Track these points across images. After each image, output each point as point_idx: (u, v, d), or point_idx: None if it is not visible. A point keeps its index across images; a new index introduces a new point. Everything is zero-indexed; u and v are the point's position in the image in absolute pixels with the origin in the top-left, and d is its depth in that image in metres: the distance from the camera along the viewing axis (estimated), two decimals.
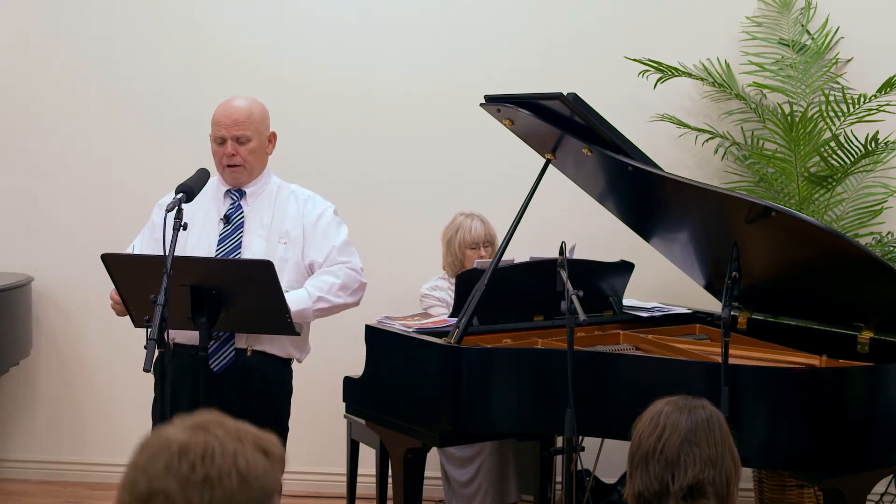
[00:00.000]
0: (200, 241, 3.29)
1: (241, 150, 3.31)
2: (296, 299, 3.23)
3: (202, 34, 4.98)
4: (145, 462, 1.36)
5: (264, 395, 3.31)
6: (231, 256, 3.27)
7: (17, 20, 5.08)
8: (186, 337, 3.15)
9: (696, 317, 4.02)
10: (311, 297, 3.28)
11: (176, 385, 3.15)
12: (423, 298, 4.34)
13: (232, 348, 3.26)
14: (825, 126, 4.37)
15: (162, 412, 2.76)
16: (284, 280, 3.21)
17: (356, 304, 3.45)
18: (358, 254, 3.45)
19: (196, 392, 3.11)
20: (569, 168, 3.74)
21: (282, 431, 3.39)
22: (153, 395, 3.40)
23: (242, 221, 3.33)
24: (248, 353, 3.27)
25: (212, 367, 3.20)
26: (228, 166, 3.33)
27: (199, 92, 4.92)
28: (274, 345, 3.32)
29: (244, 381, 3.27)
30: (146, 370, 2.52)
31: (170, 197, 3.35)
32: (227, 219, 3.31)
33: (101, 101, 5.05)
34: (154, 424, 3.40)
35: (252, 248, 3.29)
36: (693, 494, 1.98)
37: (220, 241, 3.30)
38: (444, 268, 4.41)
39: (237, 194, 3.38)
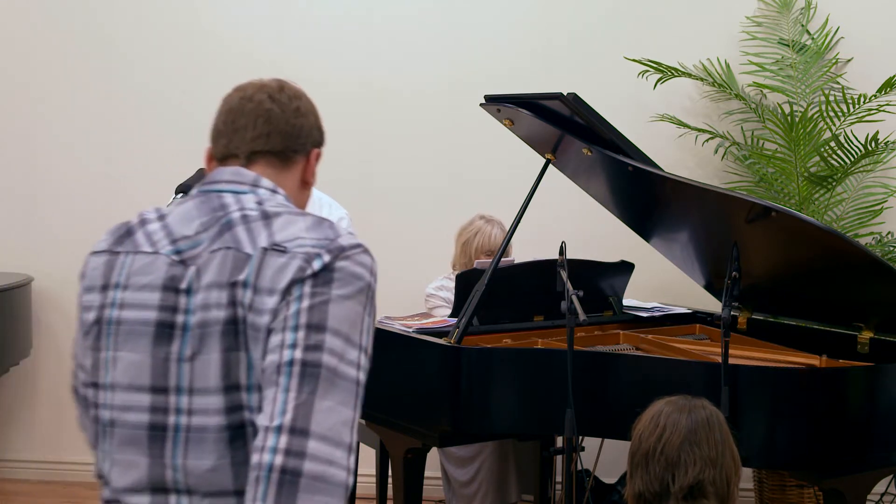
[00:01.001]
0: None
1: None
2: None
3: (202, 34, 4.98)
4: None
5: None
6: None
7: (17, 19, 5.08)
8: None
9: (696, 317, 4.02)
10: None
11: None
12: (428, 298, 4.33)
13: None
14: (825, 126, 4.37)
15: None
16: None
17: None
18: None
19: None
20: (569, 168, 3.74)
21: None
22: None
23: None
24: None
25: None
26: None
27: (200, 91, 4.92)
28: None
29: None
30: None
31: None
32: None
33: (101, 101, 5.05)
34: None
35: None
36: (693, 494, 1.98)
37: None
38: (453, 267, 4.40)
39: None
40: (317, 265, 1.46)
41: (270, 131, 1.64)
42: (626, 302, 4.08)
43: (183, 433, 1.47)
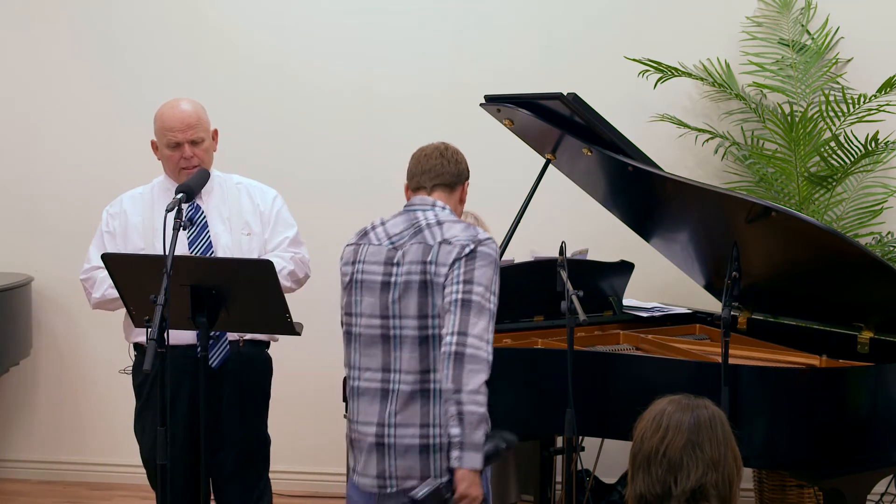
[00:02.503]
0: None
1: (197, 151, 3.42)
2: None
3: (203, 38, 4.98)
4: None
5: (256, 380, 3.43)
6: (206, 256, 3.31)
7: (16, 18, 5.08)
8: (178, 338, 3.17)
9: (696, 317, 4.02)
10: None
11: (172, 387, 3.16)
12: None
13: (226, 342, 3.32)
14: (825, 126, 4.37)
15: (162, 413, 2.77)
16: None
17: (293, 290, 3.51)
18: (306, 247, 3.55)
19: (195, 391, 3.15)
20: (569, 168, 3.74)
21: (266, 410, 3.49)
22: (136, 403, 3.45)
23: (205, 220, 3.39)
24: (241, 344, 3.34)
25: (209, 362, 3.25)
26: (185, 168, 3.39)
27: (200, 94, 4.90)
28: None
29: (239, 371, 3.35)
30: (146, 370, 2.52)
31: (117, 204, 3.41)
32: (190, 221, 3.36)
33: (101, 102, 5.05)
34: (137, 430, 3.42)
35: (220, 243, 3.37)
36: (696, 498, 1.97)
37: (191, 244, 3.34)
38: None
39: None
40: (467, 250, 2.65)
41: (442, 172, 2.85)
42: (626, 302, 4.08)
43: (398, 339, 2.69)
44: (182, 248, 3.29)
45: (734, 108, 4.68)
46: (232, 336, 3.35)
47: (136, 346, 3.44)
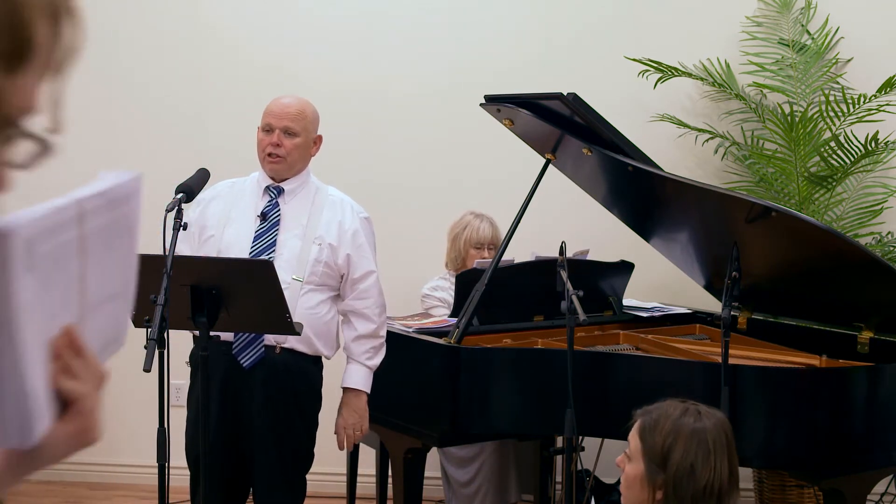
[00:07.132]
0: (237, 236, 3.35)
1: (287, 142, 3.36)
2: (362, 380, 3.36)
3: (203, 37, 4.98)
4: None
5: (290, 392, 3.36)
6: (265, 255, 3.29)
7: None
8: (226, 334, 3.25)
9: (696, 317, 4.03)
10: (371, 372, 3.38)
11: (211, 377, 3.19)
12: (423, 299, 4.34)
13: (261, 345, 3.30)
14: (825, 126, 4.37)
15: (196, 403, 2.89)
16: (316, 279, 3.30)
17: None
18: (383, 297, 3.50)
19: (225, 389, 3.24)
20: (569, 168, 3.75)
21: (309, 428, 3.44)
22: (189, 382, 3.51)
23: (279, 220, 3.35)
24: (277, 351, 3.32)
25: (241, 362, 3.29)
26: (269, 156, 3.36)
27: (201, 91, 4.93)
28: (302, 342, 3.34)
29: (272, 378, 3.32)
30: (146, 370, 2.52)
31: (210, 191, 3.38)
32: (263, 216, 3.35)
33: (101, 100, 5.05)
34: (190, 414, 3.44)
35: (287, 246, 3.32)
36: None
37: (255, 239, 3.33)
38: (446, 264, 4.42)
39: (275, 191, 3.40)
40: None
41: None
42: (626, 302, 4.08)
43: None
44: (246, 239, 3.31)
45: (734, 108, 4.68)
46: (269, 341, 3.34)
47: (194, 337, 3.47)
